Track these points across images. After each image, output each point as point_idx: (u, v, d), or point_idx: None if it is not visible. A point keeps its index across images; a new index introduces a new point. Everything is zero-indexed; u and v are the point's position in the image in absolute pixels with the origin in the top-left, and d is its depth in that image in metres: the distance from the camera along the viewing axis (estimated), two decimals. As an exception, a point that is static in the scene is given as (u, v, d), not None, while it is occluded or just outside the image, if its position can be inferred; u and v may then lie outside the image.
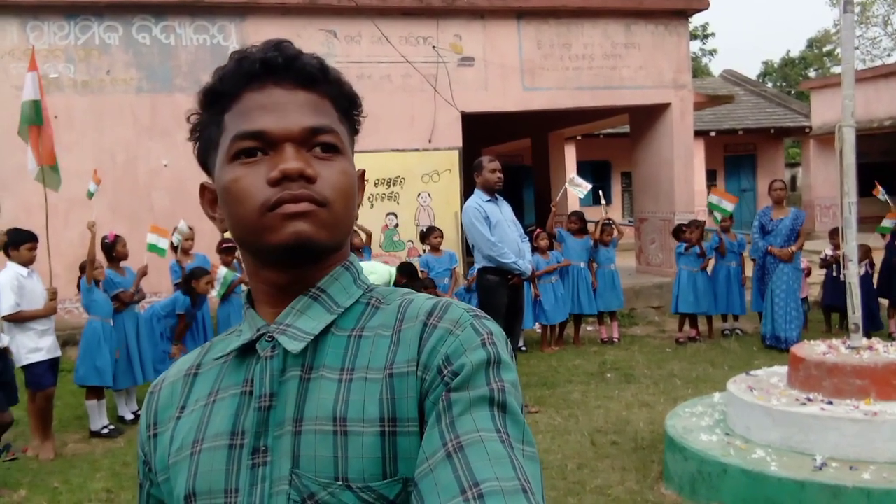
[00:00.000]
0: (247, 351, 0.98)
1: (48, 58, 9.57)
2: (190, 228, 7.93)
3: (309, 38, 10.40)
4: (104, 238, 7.13)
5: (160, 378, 1.08)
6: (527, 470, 0.82)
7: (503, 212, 6.40)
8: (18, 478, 5.61)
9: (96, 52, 9.87)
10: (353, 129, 1.05)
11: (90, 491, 5.25)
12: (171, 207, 9.58)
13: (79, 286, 6.61)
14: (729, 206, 9.31)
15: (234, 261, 7.84)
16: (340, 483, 0.88)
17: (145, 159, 10.02)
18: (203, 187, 1.06)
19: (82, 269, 6.57)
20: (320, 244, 0.94)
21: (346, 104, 1.02)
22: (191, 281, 7.17)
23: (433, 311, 0.95)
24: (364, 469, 0.88)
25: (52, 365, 6.17)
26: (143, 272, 7.11)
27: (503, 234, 6.32)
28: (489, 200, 6.36)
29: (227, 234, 1.02)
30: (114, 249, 7.02)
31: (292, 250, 0.92)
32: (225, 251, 7.95)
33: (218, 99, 0.99)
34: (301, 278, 0.98)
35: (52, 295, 6.12)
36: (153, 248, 7.24)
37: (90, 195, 6.98)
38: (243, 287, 7.70)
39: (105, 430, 6.59)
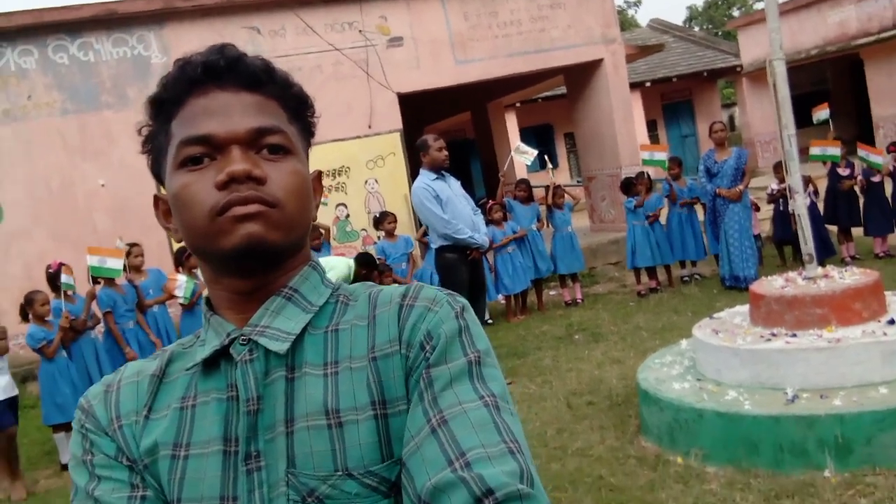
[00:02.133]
0: (218, 357, 0.96)
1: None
2: (129, 245, 7.72)
3: (231, 36, 10.17)
4: (48, 267, 6.93)
5: (111, 379, 1.03)
6: (513, 429, 0.85)
7: (452, 188, 6.36)
8: (-7, 524, 5.48)
9: (14, 78, 9.55)
10: (307, 130, 1.03)
11: (69, 527, 5.13)
12: (114, 226, 9.34)
13: (24, 317, 6.40)
14: (661, 156, 9.45)
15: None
16: (341, 473, 0.88)
17: (81, 182, 9.76)
18: (156, 198, 1.03)
19: (23, 307, 6.36)
20: (274, 245, 0.92)
21: (295, 104, 1.00)
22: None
23: (407, 292, 0.96)
24: (363, 456, 0.88)
25: (10, 404, 6.00)
26: (92, 296, 6.92)
27: (455, 210, 6.28)
28: (437, 178, 6.31)
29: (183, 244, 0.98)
30: (58, 279, 6.81)
31: (245, 253, 0.91)
32: (190, 256, 7.82)
33: (163, 107, 0.97)
34: (263, 284, 0.96)
35: (2, 334, 5.94)
36: (99, 270, 7.00)
37: (67, 287, 6.74)
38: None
39: (77, 463, 6.44)
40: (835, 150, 9.21)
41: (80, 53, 9.79)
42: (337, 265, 7.36)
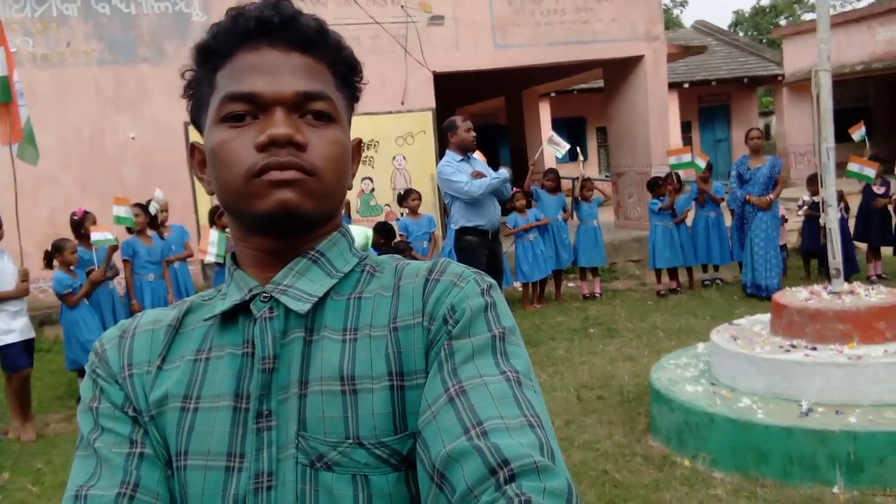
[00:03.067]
0: (237, 312, 0.94)
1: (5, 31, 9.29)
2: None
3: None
4: (72, 214, 6.98)
5: (128, 324, 1.01)
6: (535, 405, 0.82)
7: (475, 167, 6.36)
8: (1, 460, 5.54)
9: (54, 24, 9.59)
10: (352, 96, 1.01)
11: (73, 471, 5.18)
12: (141, 181, 9.40)
13: (48, 263, 6.44)
14: (687, 157, 9.42)
15: None
16: (351, 441, 0.86)
17: (112, 133, 9.81)
18: (193, 147, 1.01)
19: (50, 254, 6.41)
20: (306, 213, 0.91)
21: (345, 70, 0.98)
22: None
23: (434, 267, 0.95)
24: (375, 426, 0.86)
25: (26, 346, 6.05)
26: (114, 248, 6.97)
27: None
28: (462, 160, 6.31)
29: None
30: (82, 226, 6.86)
31: (277, 219, 0.90)
32: (223, 215, 7.85)
33: (211, 56, 0.94)
34: (290, 246, 0.95)
35: (24, 276, 5.99)
36: (121, 219, 7.06)
37: (123, 221, 6.92)
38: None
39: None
40: (871, 171, 9.09)
41: (122, 5, 9.81)
42: (355, 233, 7.40)
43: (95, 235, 6.75)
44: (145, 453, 0.91)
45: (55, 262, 6.42)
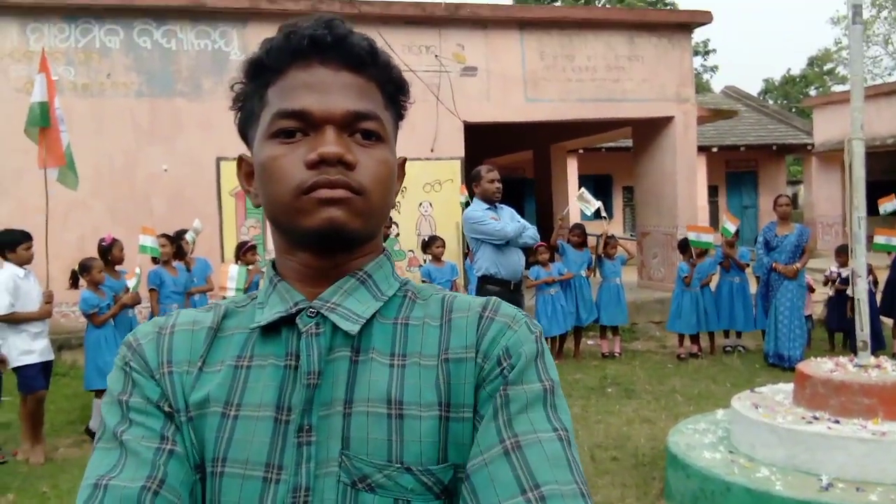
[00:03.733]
0: (280, 323, 0.95)
1: (48, 60, 9.51)
2: (181, 232, 7.87)
3: (312, 44, 10.37)
4: (101, 241, 7.04)
5: (164, 322, 1.00)
6: (581, 469, 0.87)
7: (503, 218, 6.37)
8: (7, 481, 5.51)
9: (96, 55, 9.82)
10: (399, 115, 1.02)
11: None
12: (170, 213, 9.51)
13: (74, 283, 6.49)
14: (708, 238, 9.31)
15: (259, 261, 7.99)
16: (399, 466, 0.87)
17: (144, 164, 9.96)
18: (241, 159, 1.04)
19: (77, 273, 6.45)
20: (353, 232, 0.92)
21: (393, 89, 1.00)
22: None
23: (487, 305, 0.96)
24: (422, 452, 0.88)
25: (44, 368, 6.07)
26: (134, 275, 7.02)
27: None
28: (488, 208, 6.33)
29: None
30: (110, 253, 6.92)
31: (324, 236, 0.91)
32: (248, 251, 7.96)
33: (262, 72, 0.96)
34: (335, 263, 0.96)
35: (49, 298, 6.04)
36: (145, 249, 7.15)
37: (147, 250, 7.05)
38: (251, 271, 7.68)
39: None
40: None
41: (164, 40, 10.03)
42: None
43: (144, 239, 6.85)
44: (175, 451, 0.91)
45: (82, 282, 6.47)
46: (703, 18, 12.28)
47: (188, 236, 7.71)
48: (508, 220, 6.38)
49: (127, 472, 0.88)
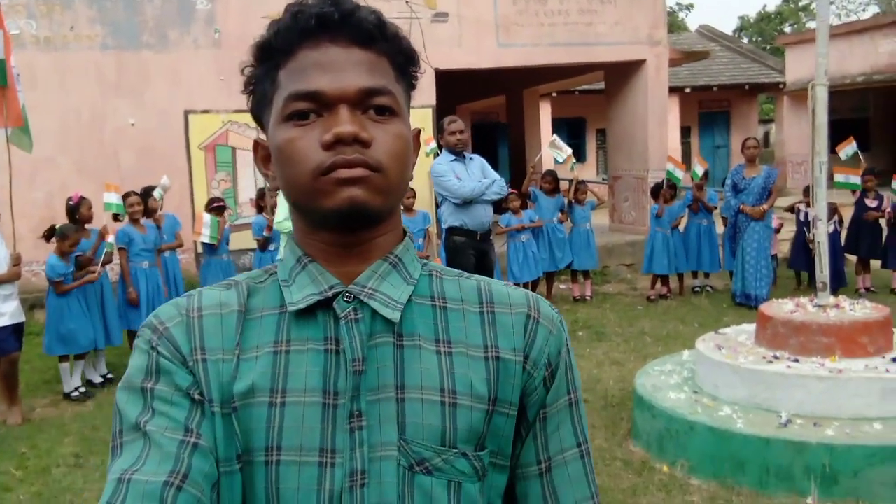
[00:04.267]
0: (314, 306, 0.95)
1: (9, 13, 9.26)
2: (148, 188, 7.83)
3: (278, -8, 10.18)
4: (68, 200, 7.00)
5: (188, 303, 0.98)
6: (595, 479, 1.04)
7: (470, 171, 6.37)
8: (-14, 443, 5.57)
9: (59, 7, 9.60)
10: (410, 86, 1.02)
11: (58, 456, 5.22)
12: (139, 167, 9.43)
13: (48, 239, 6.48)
14: (680, 174, 9.64)
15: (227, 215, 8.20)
16: (456, 451, 0.93)
17: (111, 119, 9.82)
18: (256, 143, 1.04)
19: (52, 234, 6.43)
20: (374, 209, 0.92)
21: (403, 61, 1.00)
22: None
23: (530, 303, 1.01)
24: (470, 440, 0.94)
25: (16, 329, 6.07)
26: (104, 233, 7.01)
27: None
28: (454, 160, 6.35)
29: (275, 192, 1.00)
30: (77, 212, 6.89)
31: (346, 215, 0.92)
32: (215, 210, 7.96)
33: (272, 54, 0.96)
34: (358, 241, 0.97)
35: (17, 259, 6.00)
36: (110, 206, 7.12)
37: (112, 207, 7.04)
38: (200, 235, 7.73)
39: (76, 393, 6.54)
40: (856, 179, 9.25)
41: (127, -10, 9.81)
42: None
43: (108, 197, 6.83)
44: (199, 444, 0.89)
45: (55, 246, 6.44)
46: (674, -41, 12.16)
47: (156, 193, 7.67)
48: (478, 172, 6.39)
49: (149, 465, 0.86)
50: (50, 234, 6.46)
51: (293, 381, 0.93)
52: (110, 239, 6.83)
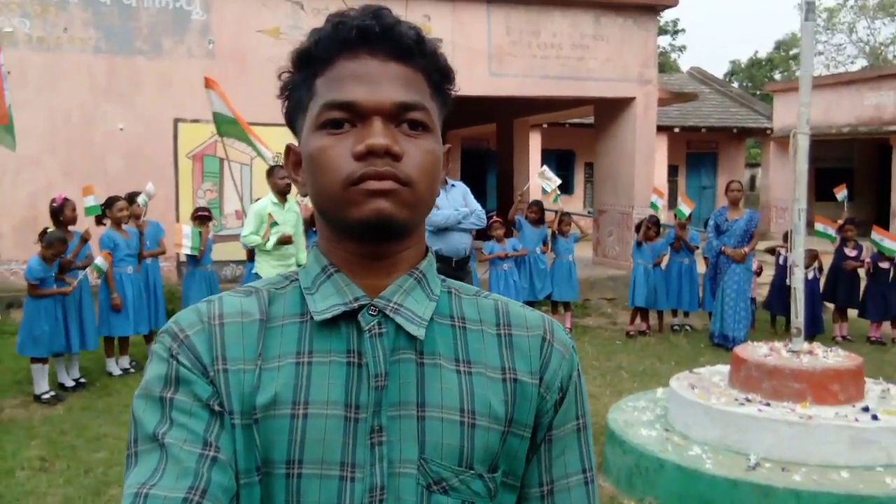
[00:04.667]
0: (339, 317, 0.95)
1: (1, 10, 9.30)
2: (132, 194, 7.81)
3: (275, 7, 10.25)
4: (52, 201, 6.97)
5: (208, 310, 0.96)
6: (598, 501, 1.04)
7: (450, 198, 6.40)
8: (-49, 442, 5.49)
9: (53, 7, 9.60)
10: (445, 103, 1.02)
11: (23, 458, 5.14)
12: (126, 172, 9.40)
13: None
14: (659, 201, 9.88)
15: (211, 226, 8.19)
16: (473, 472, 0.94)
17: (101, 122, 9.80)
18: (288, 149, 1.04)
19: (42, 236, 6.41)
20: (400, 223, 0.93)
21: (439, 78, 1.00)
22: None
23: (545, 326, 1.03)
24: (485, 460, 0.95)
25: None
26: (86, 237, 6.97)
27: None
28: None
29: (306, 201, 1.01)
30: (62, 213, 6.85)
31: (372, 227, 0.92)
32: (199, 219, 7.95)
33: (311, 62, 0.97)
34: (383, 253, 0.97)
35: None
36: (92, 209, 7.10)
37: (93, 210, 7.03)
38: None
39: (47, 396, 6.47)
40: (832, 232, 9.71)
41: (124, -4, 9.83)
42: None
43: (87, 200, 6.81)
44: (218, 458, 0.88)
45: (40, 248, 6.41)
46: (669, 1, 12.37)
47: (140, 200, 7.65)
48: (459, 199, 6.42)
49: (167, 480, 0.85)
50: (42, 235, 6.44)
51: (315, 393, 0.92)
52: (99, 261, 6.76)
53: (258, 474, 0.91)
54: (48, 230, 6.47)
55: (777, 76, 40.65)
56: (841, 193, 10.10)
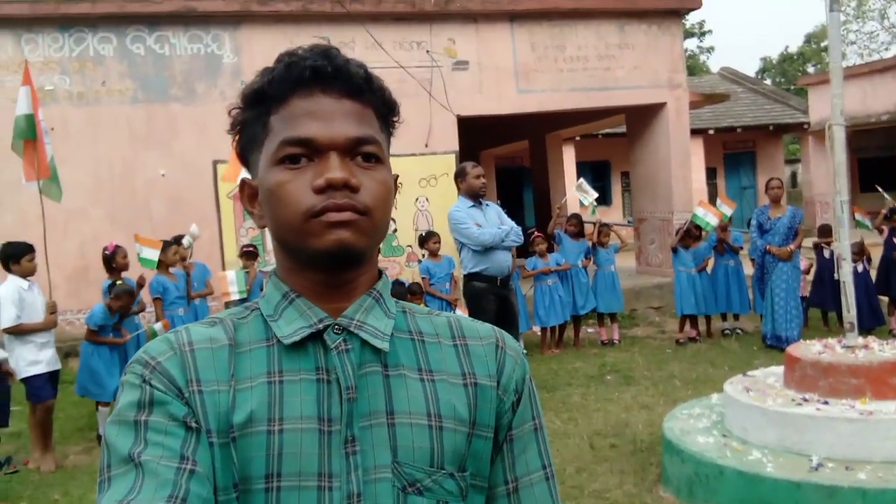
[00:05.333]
0: (305, 339, 1.00)
1: (43, 70, 9.60)
2: (179, 237, 7.98)
3: (301, 44, 10.39)
4: (104, 249, 7.15)
5: (176, 339, 0.99)
6: (559, 496, 1.11)
7: (487, 216, 6.42)
8: (19, 490, 5.63)
9: (91, 63, 9.90)
10: (390, 134, 1.09)
11: (90, 502, 5.26)
12: (169, 217, 9.61)
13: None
14: (714, 221, 9.34)
15: (257, 264, 8.36)
16: (445, 472, 0.99)
17: (142, 169, 10.04)
18: (244, 183, 1.08)
19: (110, 287, 6.62)
20: (359, 251, 0.99)
21: (387, 112, 1.06)
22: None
23: (495, 335, 1.11)
24: (454, 461, 1.00)
25: (51, 377, 6.18)
26: (141, 283, 7.13)
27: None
28: (472, 206, 6.39)
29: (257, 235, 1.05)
30: (113, 261, 7.03)
31: (334, 256, 0.97)
32: (246, 255, 8.09)
33: (264, 100, 1.01)
34: (341, 280, 1.02)
35: (52, 308, 6.14)
36: (146, 262, 7.29)
37: (150, 263, 7.30)
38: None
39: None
40: (868, 222, 9.96)
41: (157, 46, 10.10)
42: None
43: (145, 252, 7.01)
44: (196, 471, 0.90)
45: (106, 299, 6.61)
46: (693, 4, 12.32)
47: (185, 241, 7.82)
48: (495, 219, 6.44)
49: (145, 493, 0.86)
50: (109, 289, 6.65)
51: (289, 410, 0.96)
52: (157, 327, 6.92)
53: (235, 491, 0.94)
54: (118, 283, 6.66)
55: (810, 69, 40.09)
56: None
